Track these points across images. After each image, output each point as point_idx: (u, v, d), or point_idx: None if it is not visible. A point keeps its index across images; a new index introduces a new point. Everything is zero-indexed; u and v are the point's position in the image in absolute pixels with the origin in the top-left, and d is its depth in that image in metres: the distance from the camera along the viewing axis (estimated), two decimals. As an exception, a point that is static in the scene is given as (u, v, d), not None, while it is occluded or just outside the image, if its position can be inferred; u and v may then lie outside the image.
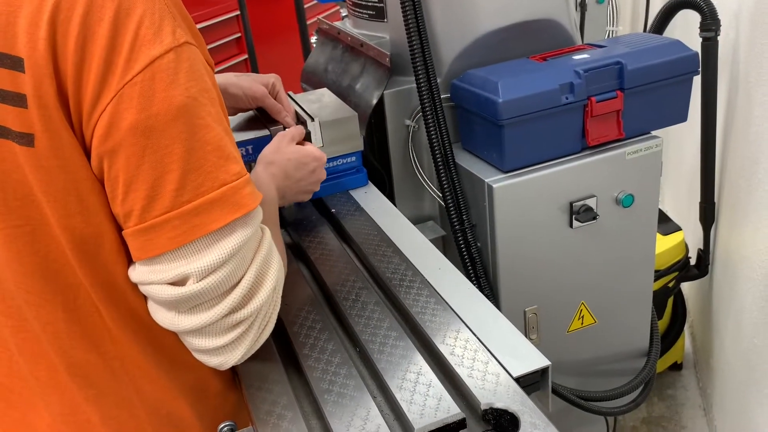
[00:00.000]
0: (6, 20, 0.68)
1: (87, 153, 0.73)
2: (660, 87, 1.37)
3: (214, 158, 0.73)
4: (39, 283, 0.77)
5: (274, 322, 0.86)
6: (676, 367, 2.30)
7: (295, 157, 1.12)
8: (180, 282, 0.74)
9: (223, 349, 0.80)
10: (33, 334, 0.80)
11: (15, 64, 0.68)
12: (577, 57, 1.38)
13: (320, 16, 1.95)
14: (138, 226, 0.73)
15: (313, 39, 1.97)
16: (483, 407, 0.81)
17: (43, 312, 0.78)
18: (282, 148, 1.11)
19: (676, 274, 1.99)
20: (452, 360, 0.89)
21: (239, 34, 3.28)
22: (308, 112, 1.31)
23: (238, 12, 3.23)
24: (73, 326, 0.80)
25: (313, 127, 1.27)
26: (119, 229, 0.77)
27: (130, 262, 0.79)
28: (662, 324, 2.14)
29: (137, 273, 0.77)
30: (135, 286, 0.80)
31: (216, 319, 0.77)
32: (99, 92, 0.69)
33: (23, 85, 0.69)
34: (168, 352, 0.87)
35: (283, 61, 3.57)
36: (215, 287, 0.75)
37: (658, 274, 1.93)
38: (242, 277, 0.78)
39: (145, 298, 0.82)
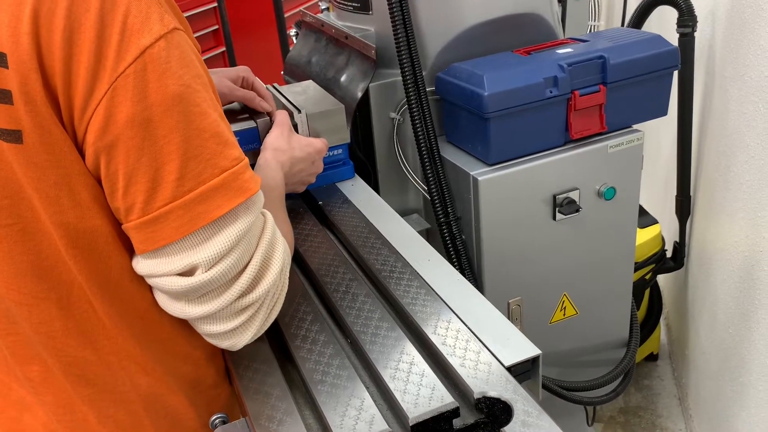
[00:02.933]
0: None
1: (79, 148, 0.71)
2: (642, 81, 1.40)
3: (213, 144, 0.73)
4: (31, 281, 0.75)
5: (282, 302, 0.86)
6: (652, 357, 2.34)
7: (303, 148, 1.13)
8: (188, 272, 0.74)
9: (233, 332, 0.80)
10: (23, 336, 0.78)
11: None
12: (560, 51, 1.40)
13: (301, 8, 1.94)
14: (141, 219, 0.72)
15: (292, 32, 1.96)
16: (476, 396, 0.82)
17: (35, 311, 0.76)
18: (290, 139, 1.12)
19: (652, 266, 2.02)
20: (444, 350, 0.89)
21: (216, 26, 3.25)
22: (294, 104, 1.31)
23: (215, 4, 3.20)
24: (68, 323, 0.78)
25: (300, 120, 1.26)
26: (114, 222, 0.76)
27: (126, 255, 0.78)
28: (639, 315, 2.18)
29: (143, 266, 0.76)
30: (131, 279, 0.79)
31: (226, 305, 0.77)
32: (91, 86, 0.67)
33: (7, 81, 0.66)
34: (164, 344, 0.86)
35: (260, 54, 3.54)
36: (224, 274, 0.74)
37: (636, 267, 1.96)
38: (249, 261, 0.78)
39: (144, 290, 0.81)
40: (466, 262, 1.44)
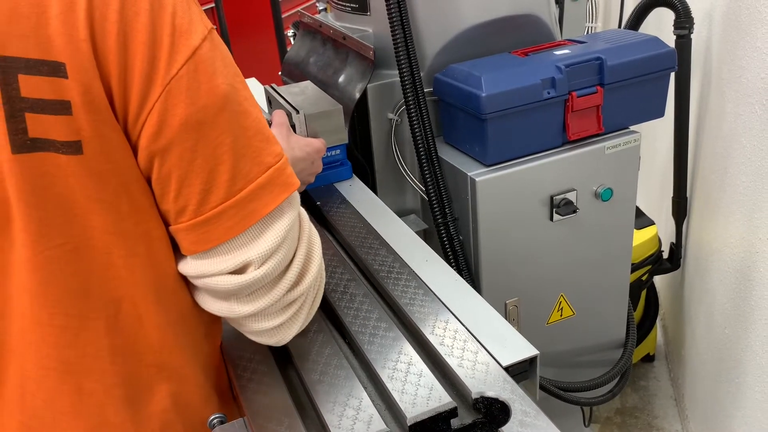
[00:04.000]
0: (36, 23, 0.63)
1: (133, 152, 0.70)
2: (639, 82, 1.40)
3: (258, 142, 0.73)
4: (81, 302, 0.72)
5: (322, 293, 0.88)
6: (649, 358, 2.35)
7: (302, 148, 1.13)
8: (240, 270, 0.74)
9: (280, 327, 0.81)
10: (57, 369, 0.74)
11: (54, 70, 0.64)
12: (558, 52, 1.40)
13: (299, 8, 1.94)
14: (194, 220, 0.72)
15: (289, 32, 1.96)
16: (474, 396, 0.82)
17: (83, 334, 0.74)
18: (289, 139, 1.12)
19: (649, 267, 2.03)
20: (442, 350, 0.90)
21: (214, 27, 3.24)
22: (292, 104, 1.31)
23: (213, 4, 3.20)
24: (115, 341, 0.76)
25: (298, 120, 1.27)
26: (163, 225, 0.75)
27: (173, 258, 0.78)
28: (636, 316, 2.18)
29: (193, 267, 0.75)
30: (177, 281, 0.79)
31: (275, 300, 0.77)
32: (146, 90, 0.66)
33: (67, 91, 0.64)
34: (199, 348, 0.86)
35: (258, 54, 3.54)
36: (274, 269, 0.75)
37: (632, 268, 1.96)
38: (294, 255, 0.78)
39: (186, 292, 0.81)
40: (464, 262, 1.44)
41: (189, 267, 0.76)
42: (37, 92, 0.64)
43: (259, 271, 0.74)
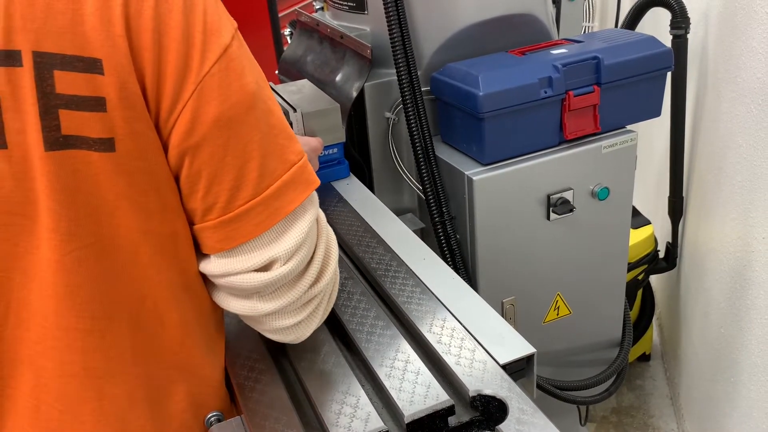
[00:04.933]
0: (71, 19, 0.63)
1: (164, 150, 0.70)
2: (635, 82, 1.40)
3: (282, 140, 0.74)
4: (107, 303, 0.72)
5: (337, 290, 0.88)
6: (645, 357, 2.35)
7: None
8: (266, 267, 0.74)
9: (299, 324, 0.81)
10: (80, 375, 0.73)
11: (90, 66, 0.63)
12: (555, 51, 1.40)
13: (296, 7, 1.94)
14: (222, 218, 0.72)
15: (286, 31, 1.96)
16: (471, 394, 0.82)
17: (109, 335, 0.73)
18: None
19: (645, 266, 2.03)
20: (439, 348, 0.90)
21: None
22: (290, 102, 1.31)
23: (209, 3, 3.19)
24: (136, 340, 0.75)
25: (295, 119, 1.27)
26: (187, 224, 0.75)
27: (195, 257, 0.77)
28: (632, 316, 2.19)
29: (217, 265, 0.75)
30: (199, 281, 0.79)
31: (298, 297, 0.78)
32: (179, 87, 0.66)
33: (102, 88, 0.64)
34: (214, 346, 0.86)
35: (255, 53, 3.53)
36: (298, 266, 0.75)
37: (629, 267, 1.96)
38: (314, 252, 0.79)
39: (206, 291, 0.81)
40: (461, 261, 1.44)
41: (213, 266, 0.76)
42: (72, 89, 0.63)
43: (285, 268, 0.74)
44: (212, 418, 0.86)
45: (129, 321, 0.74)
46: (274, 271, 0.74)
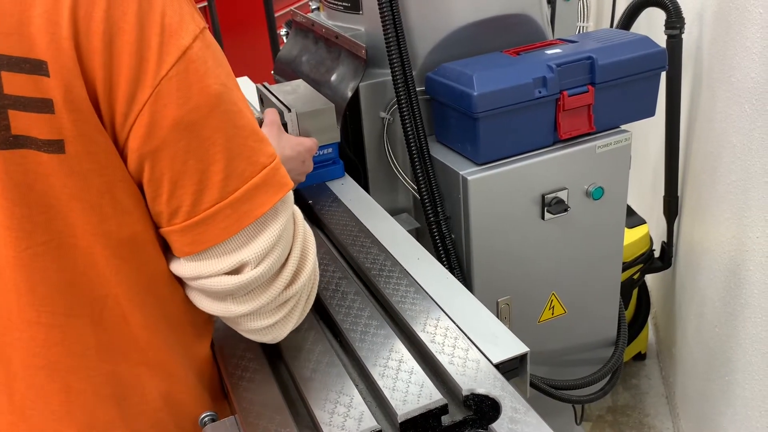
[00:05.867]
0: (18, 20, 0.62)
1: (120, 153, 0.70)
2: (630, 82, 1.41)
3: (252, 142, 0.72)
4: (67, 299, 0.72)
5: (316, 291, 0.88)
6: (640, 357, 2.36)
7: (294, 147, 1.13)
8: (236, 270, 0.74)
9: (274, 325, 0.81)
10: (47, 368, 0.74)
11: (35, 68, 0.63)
12: (549, 51, 1.41)
13: (292, 7, 1.94)
14: (187, 222, 0.71)
15: (282, 31, 1.96)
16: (464, 393, 0.82)
17: (69, 330, 0.73)
18: (280, 138, 1.12)
19: (640, 266, 2.04)
20: (433, 347, 0.90)
21: (207, 26, 3.24)
22: (284, 103, 1.31)
23: (205, 3, 3.19)
24: (101, 338, 0.75)
25: (290, 119, 1.27)
26: (152, 227, 0.75)
27: (163, 260, 0.77)
28: (627, 315, 2.19)
29: (187, 269, 0.75)
30: (165, 283, 0.78)
31: (271, 299, 0.77)
32: (133, 91, 0.65)
33: (48, 90, 0.63)
34: (189, 347, 0.85)
35: (251, 53, 3.53)
36: (270, 269, 0.75)
37: (624, 266, 1.97)
38: (289, 254, 0.79)
39: (175, 293, 0.80)
40: (456, 261, 1.45)
41: (183, 269, 0.76)
42: (19, 89, 0.63)
43: (256, 271, 0.74)
44: (206, 418, 0.87)
45: (91, 318, 0.74)
46: (245, 275, 0.74)
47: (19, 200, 0.67)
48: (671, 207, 1.93)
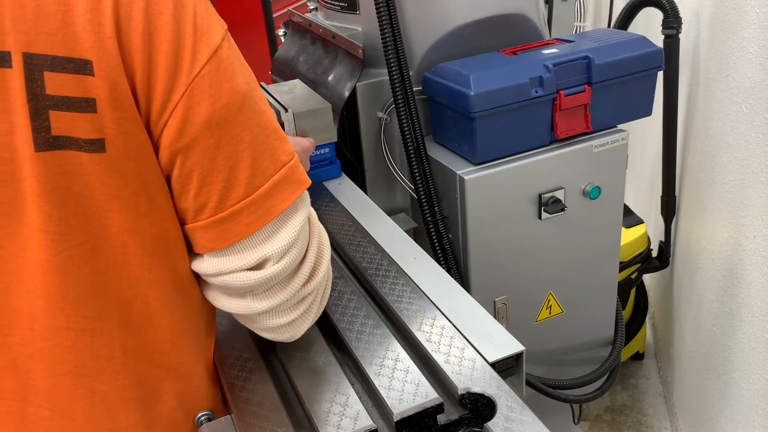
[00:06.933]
0: (62, 20, 0.63)
1: (154, 150, 0.71)
2: (626, 81, 1.41)
3: (274, 140, 0.74)
4: (98, 302, 0.72)
5: (330, 289, 0.89)
6: (638, 356, 2.36)
7: None
8: (259, 266, 0.75)
9: (293, 323, 0.82)
10: (70, 374, 0.73)
11: (80, 67, 0.64)
12: (546, 51, 1.41)
13: (290, 8, 1.94)
14: (214, 217, 0.72)
15: (280, 32, 1.96)
16: (460, 392, 0.82)
17: (98, 334, 0.73)
18: None
19: (638, 265, 2.04)
20: (429, 347, 0.90)
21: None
22: (281, 102, 1.31)
23: (203, 3, 3.19)
24: (128, 341, 0.76)
25: (287, 118, 1.27)
26: (178, 224, 0.76)
27: (187, 257, 0.78)
28: (625, 315, 2.20)
29: (210, 265, 0.76)
30: (191, 280, 0.79)
31: (291, 295, 0.78)
32: (170, 88, 0.67)
33: (93, 89, 0.64)
34: (204, 345, 0.86)
35: (249, 53, 3.53)
36: (291, 264, 0.76)
37: (621, 266, 1.98)
38: (307, 251, 0.80)
39: (197, 290, 0.81)
40: (453, 260, 1.45)
41: (206, 265, 0.76)
42: (62, 90, 0.64)
43: (278, 267, 0.75)
44: (202, 418, 0.87)
45: (119, 320, 0.74)
46: (267, 270, 0.75)
47: (57, 202, 0.67)
48: (669, 207, 1.93)
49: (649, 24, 2.05)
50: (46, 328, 0.71)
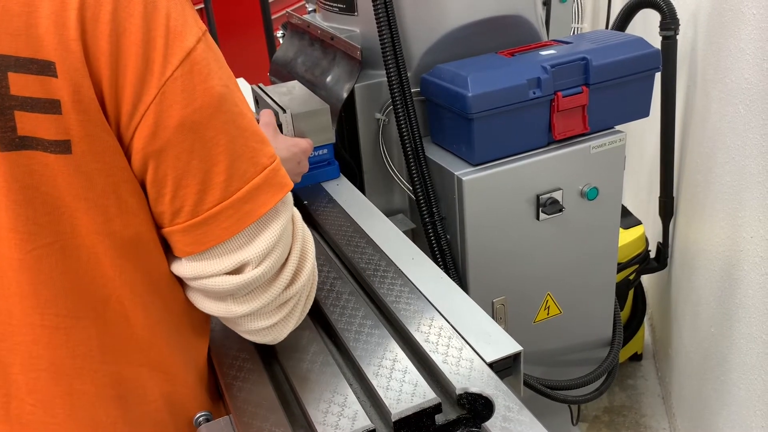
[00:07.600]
0: (26, 22, 0.63)
1: (125, 153, 0.70)
2: (624, 83, 1.41)
3: (253, 143, 0.73)
4: (71, 301, 0.72)
5: (315, 292, 0.88)
6: (636, 357, 2.36)
7: (289, 149, 1.14)
8: (238, 270, 0.74)
9: (275, 326, 0.81)
10: (49, 371, 0.74)
11: (43, 68, 0.64)
12: (543, 53, 1.41)
13: (288, 9, 1.94)
14: (190, 221, 0.72)
15: (279, 33, 1.96)
16: (458, 392, 0.83)
17: (74, 333, 0.73)
18: (275, 139, 1.12)
19: (636, 266, 2.04)
20: (427, 347, 0.90)
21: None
22: (279, 104, 1.31)
23: (202, 5, 3.20)
24: (105, 339, 0.75)
25: (285, 120, 1.27)
26: (154, 228, 0.75)
27: (164, 260, 0.78)
28: (623, 316, 2.20)
29: (189, 268, 0.75)
30: (167, 283, 0.79)
31: (272, 299, 0.78)
32: (139, 92, 0.66)
33: (56, 91, 0.64)
34: (189, 347, 0.86)
35: (247, 55, 3.54)
36: (271, 269, 0.75)
37: (620, 267, 1.98)
38: (289, 254, 0.79)
39: (177, 293, 0.81)
40: (451, 261, 1.45)
41: (184, 269, 0.76)
42: (26, 90, 0.64)
43: (257, 271, 0.74)
44: (200, 418, 0.87)
45: (95, 320, 0.74)
46: (246, 274, 0.74)
47: (25, 202, 0.67)
48: (667, 208, 1.94)
49: (646, 25, 2.06)
50: (22, 324, 0.72)
